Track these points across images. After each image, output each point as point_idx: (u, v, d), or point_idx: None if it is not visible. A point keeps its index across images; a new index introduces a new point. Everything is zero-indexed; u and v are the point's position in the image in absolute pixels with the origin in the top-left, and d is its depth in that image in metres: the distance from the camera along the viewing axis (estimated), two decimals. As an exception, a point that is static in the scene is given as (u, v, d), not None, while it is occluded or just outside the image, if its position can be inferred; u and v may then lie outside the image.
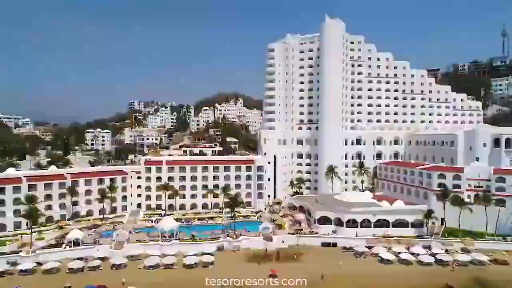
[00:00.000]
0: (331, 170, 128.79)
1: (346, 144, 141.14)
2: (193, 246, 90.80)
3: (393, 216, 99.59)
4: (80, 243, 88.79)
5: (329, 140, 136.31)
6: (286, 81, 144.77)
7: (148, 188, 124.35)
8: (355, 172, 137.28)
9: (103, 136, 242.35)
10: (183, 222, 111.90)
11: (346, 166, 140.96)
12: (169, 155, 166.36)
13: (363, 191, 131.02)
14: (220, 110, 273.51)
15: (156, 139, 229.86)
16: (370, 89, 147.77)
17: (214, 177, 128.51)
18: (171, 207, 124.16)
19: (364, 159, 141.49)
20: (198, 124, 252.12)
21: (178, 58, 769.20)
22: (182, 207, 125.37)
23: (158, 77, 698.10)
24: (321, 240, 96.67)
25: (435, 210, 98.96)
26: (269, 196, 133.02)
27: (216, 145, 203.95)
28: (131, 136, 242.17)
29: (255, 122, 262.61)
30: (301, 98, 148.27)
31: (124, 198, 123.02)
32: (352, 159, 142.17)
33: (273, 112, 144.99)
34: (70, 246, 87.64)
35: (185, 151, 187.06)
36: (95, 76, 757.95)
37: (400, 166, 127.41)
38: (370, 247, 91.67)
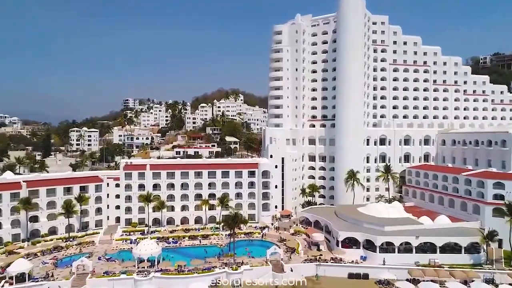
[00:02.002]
0: (352, 175, 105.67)
1: (367, 144, 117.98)
2: (179, 281, 67.72)
3: (441, 238, 76.48)
4: (26, 279, 65.83)
5: (348, 139, 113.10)
6: (296, 69, 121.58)
7: (128, 198, 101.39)
8: (379, 177, 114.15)
9: (89, 136, 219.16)
10: (169, 243, 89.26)
11: (368, 170, 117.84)
12: (158, 157, 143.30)
13: (389, 201, 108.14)
14: (219, 106, 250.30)
15: (147, 138, 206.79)
16: (395, 79, 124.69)
17: (210, 185, 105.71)
18: (156, 221, 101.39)
19: (389, 161, 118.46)
20: (194, 122, 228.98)
21: (177, 55, 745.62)
22: (170, 221, 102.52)
23: (156, 75, 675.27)
24: (347, 270, 73.65)
25: (489, 227, 76.36)
26: (276, 207, 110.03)
27: (214, 145, 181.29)
28: (120, 136, 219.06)
29: (257, 119, 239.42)
30: (314, 89, 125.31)
31: (99, 211, 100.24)
32: (375, 162, 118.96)
33: (280, 106, 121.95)
34: (11, 284, 64.62)
35: (178, 152, 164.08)
36: (94, 75, 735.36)
37: (436, 171, 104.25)
38: (414, 281, 68.76)
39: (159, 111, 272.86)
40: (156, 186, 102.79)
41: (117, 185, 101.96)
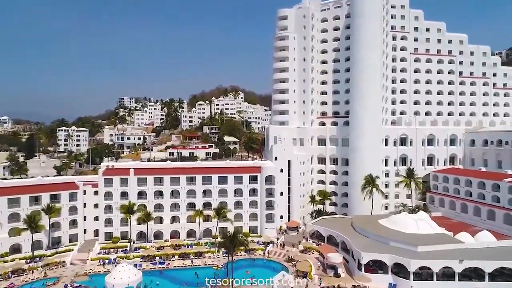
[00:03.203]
0: (370, 181, 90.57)
1: (386, 144, 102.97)
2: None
3: (491, 262, 61.36)
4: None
5: (364, 139, 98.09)
6: (304, 60, 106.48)
7: (108, 209, 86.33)
8: (400, 183, 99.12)
9: (78, 136, 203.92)
10: (154, 264, 74.19)
11: (387, 175, 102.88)
12: (148, 159, 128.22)
13: (413, 210, 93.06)
14: (218, 104, 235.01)
15: (139, 138, 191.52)
16: (417, 70, 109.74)
17: (205, 192, 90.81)
18: (142, 235, 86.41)
19: (410, 164, 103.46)
20: (191, 121, 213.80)
21: (175, 53, 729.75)
22: (159, 235, 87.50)
23: (154, 74, 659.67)
24: (375, 303, 58.81)
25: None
26: (281, 217, 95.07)
27: (211, 146, 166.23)
28: (111, 135, 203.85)
29: (258, 118, 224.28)
30: (324, 82, 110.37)
31: (73, 223, 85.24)
32: (395, 165, 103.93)
33: (286, 102, 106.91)
34: None
35: (171, 154, 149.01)
36: (93, 74, 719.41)
37: (470, 176, 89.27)
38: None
39: (154, 109, 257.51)
40: (141, 194, 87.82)
41: (96, 193, 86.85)
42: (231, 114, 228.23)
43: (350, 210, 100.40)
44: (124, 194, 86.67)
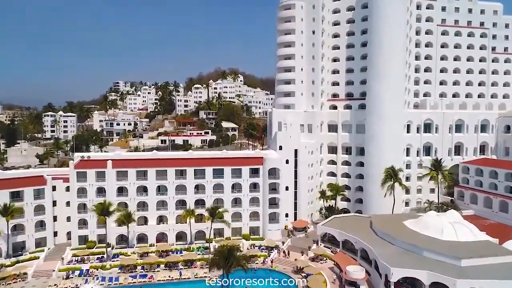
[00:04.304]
0: (392, 175, 76.77)
1: (408, 131, 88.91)
2: None
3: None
4: None
5: (384, 125, 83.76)
6: (313, 32, 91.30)
7: (82, 208, 72.92)
8: (425, 176, 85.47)
9: (65, 121, 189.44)
10: (134, 277, 61.10)
11: (408, 166, 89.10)
12: (136, 147, 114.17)
13: (440, 208, 79.77)
14: (215, 88, 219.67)
15: (129, 124, 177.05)
16: (444, 45, 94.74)
17: (198, 188, 77.27)
18: (123, 238, 73.17)
19: (435, 154, 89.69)
20: (186, 106, 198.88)
21: (172, 35, 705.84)
22: (143, 238, 74.36)
23: (151, 57, 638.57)
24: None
25: None
26: (286, 216, 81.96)
27: (208, 133, 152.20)
28: (101, 121, 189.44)
29: (259, 102, 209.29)
30: (335, 60, 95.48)
31: (41, 225, 71.88)
32: (417, 155, 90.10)
33: (292, 82, 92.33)
34: None
35: (163, 141, 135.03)
36: (87, 59, 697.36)
37: (510, 170, 75.51)
38: None
39: (148, 93, 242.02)
40: (121, 191, 74.27)
41: (68, 189, 73.20)
42: (229, 98, 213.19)
43: (365, 207, 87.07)
44: (101, 191, 73.12)
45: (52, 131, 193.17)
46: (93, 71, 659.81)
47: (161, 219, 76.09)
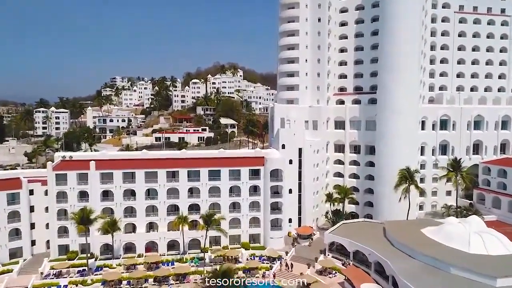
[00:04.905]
0: (408, 177, 69.19)
1: (423, 128, 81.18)
2: None
3: None
4: None
5: (397, 120, 75.97)
6: (319, 20, 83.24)
7: (63, 214, 65.42)
8: (441, 178, 77.80)
9: (57, 118, 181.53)
10: (117, 296, 53.43)
11: (422, 166, 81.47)
12: (127, 146, 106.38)
13: (460, 213, 72.39)
14: (214, 82, 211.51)
15: (123, 120, 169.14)
16: (461, 34, 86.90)
17: (192, 191, 69.78)
18: (109, 248, 65.64)
19: (452, 153, 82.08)
20: (183, 101, 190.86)
21: (171, 30, 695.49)
22: (131, 247, 66.90)
23: (149, 53, 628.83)
24: None
25: None
26: (290, 222, 74.40)
27: (205, 130, 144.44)
28: (95, 117, 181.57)
29: (259, 97, 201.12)
30: (343, 50, 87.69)
31: (16, 233, 64.43)
32: (433, 154, 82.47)
33: (295, 74, 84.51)
34: None
35: (157, 139, 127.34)
36: (85, 54, 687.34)
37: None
38: None
39: (145, 88, 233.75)
40: (106, 195, 66.74)
41: (47, 193, 65.64)
42: (228, 93, 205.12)
43: (376, 211, 79.57)
44: (83, 195, 65.60)
45: (44, 128, 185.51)
46: (91, 67, 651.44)
47: (151, 226, 68.64)
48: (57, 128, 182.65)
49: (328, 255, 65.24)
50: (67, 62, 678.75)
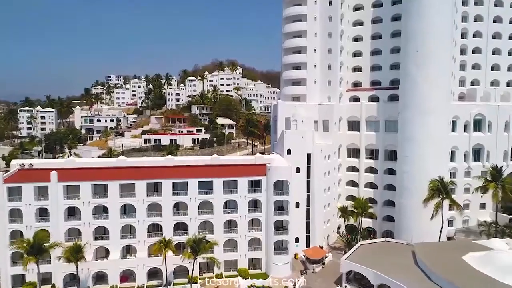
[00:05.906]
0: (442, 189, 56.83)
1: (453, 129, 68.72)
2: None
3: None
4: None
5: (424, 120, 63.69)
6: (330, 3, 70.97)
7: (18, 236, 52.90)
8: (478, 189, 65.14)
9: (43, 117, 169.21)
10: None
11: (452, 174, 68.87)
12: (110, 150, 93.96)
13: (501, 231, 60.13)
14: (211, 80, 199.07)
15: (112, 121, 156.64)
16: (496, 19, 74.42)
17: (178, 207, 57.37)
18: (75, 278, 53.18)
19: (487, 159, 69.74)
20: (178, 100, 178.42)
21: (167, 29, 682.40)
22: (103, 277, 54.45)
23: (146, 51, 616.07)
24: None
25: None
26: (297, 241, 62.14)
27: (200, 130, 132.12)
28: (83, 117, 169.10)
29: (260, 96, 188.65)
30: (357, 39, 75.31)
31: (-42, 261, 51.88)
32: (465, 160, 70.00)
33: (302, 66, 72.31)
34: None
35: (146, 140, 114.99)
36: (80, 52, 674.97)
37: None
38: None
39: (138, 86, 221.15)
40: (72, 212, 54.33)
41: (0, 210, 53.15)
42: (227, 91, 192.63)
43: (398, 227, 67.34)
44: (43, 213, 53.15)
45: (29, 129, 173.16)
46: (87, 65, 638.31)
47: (128, 251, 56.27)
48: (42, 129, 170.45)
49: (345, 286, 52.93)
50: (63, 61, 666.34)
